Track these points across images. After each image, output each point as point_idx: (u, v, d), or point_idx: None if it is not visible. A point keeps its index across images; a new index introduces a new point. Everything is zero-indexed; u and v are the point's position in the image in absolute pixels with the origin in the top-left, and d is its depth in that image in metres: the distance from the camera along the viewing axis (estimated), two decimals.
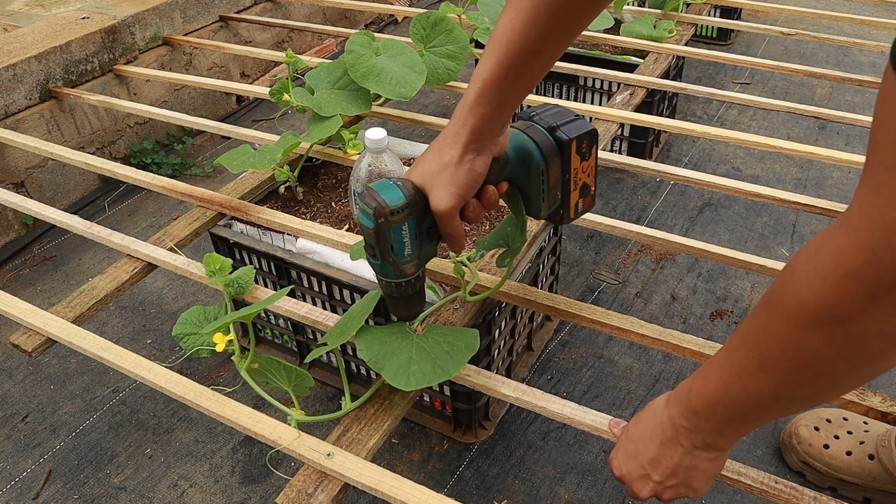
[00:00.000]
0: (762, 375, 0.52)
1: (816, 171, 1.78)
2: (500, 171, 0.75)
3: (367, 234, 0.72)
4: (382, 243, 0.72)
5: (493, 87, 0.66)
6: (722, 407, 0.58)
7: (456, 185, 0.69)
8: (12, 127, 1.56)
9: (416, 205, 0.71)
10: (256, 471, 1.09)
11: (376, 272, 0.76)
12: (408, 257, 0.74)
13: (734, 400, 0.57)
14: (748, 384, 0.54)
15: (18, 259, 1.57)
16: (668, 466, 0.65)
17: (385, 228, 0.71)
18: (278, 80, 1.25)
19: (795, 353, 0.49)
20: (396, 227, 0.71)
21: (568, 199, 0.79)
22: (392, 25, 2.71)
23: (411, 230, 0.72)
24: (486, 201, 0.74)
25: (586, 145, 0.76)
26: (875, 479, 1.00)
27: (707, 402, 0.59)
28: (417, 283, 0.78)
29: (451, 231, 0.73)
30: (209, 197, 1.13)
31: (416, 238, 0.73)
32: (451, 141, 0.70)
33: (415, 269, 0.75)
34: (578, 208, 0.81)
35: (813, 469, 1.04)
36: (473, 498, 1.04)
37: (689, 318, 1.35)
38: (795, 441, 1.06)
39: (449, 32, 1.41)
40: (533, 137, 0.75)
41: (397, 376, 0.73)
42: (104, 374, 1.26)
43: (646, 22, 1.76)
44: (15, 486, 1.09)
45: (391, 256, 0.73)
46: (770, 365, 0.51)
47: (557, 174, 0.76)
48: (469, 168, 0.69)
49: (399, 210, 0.70)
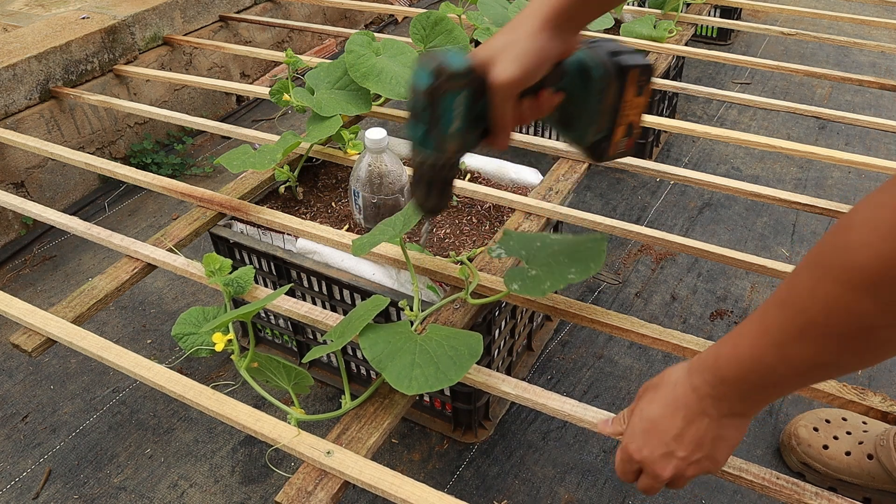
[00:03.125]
0: (804, 342, 0.50)
1: (816, 171, 1.78)
2: (557, 80, 0.71)
3: (419, 96, 0.66)
4: (434, 108, 0.66)
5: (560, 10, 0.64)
6: (754, 374, 0.55)
7: (526, 57, 0.64)
8: (12, 127, 1.56)
9: (476, 79, 0.66)
10: (256, 471, 1.09)
11: (415, 145, 0.71)
12: (454, 133, 0.68)
13: (769, 367, 0.54)
14: (787, 351, 0.52)
15: (18, 259, 1.57)
16: (694, 438, 0.61)
17: (441, 92, 0.65)
18: (278, 80, 1.25)
19: (844, 318, 0.46)
20: (451, 95, 0.66)
21: (613, 132, 0.75)
22: (392, 25, 2.71)
23: (466, 103, 0.67)
24: (540, 104, 0.69)
25: (644, 79, 0.73)
26: (874, 478, 1.00)
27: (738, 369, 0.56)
28: (453, 169, 0.74)
29: (504, 114, 0.67)
30: (209, 197, 1.13)
31: (467, 115, 0.67)
32: (528, 15, 0.65)
33: (457, 150, 0.70)
34: (620, 146, 0.77)
35: (812, 470, 1.04)
36: (473, 498, 1.04)
37: (689, 318, 1.35)
38: (794, 442, 1.06)
39: (449, 32, 1.41)
40: (595, 55, 0.71)
41: (399, 379, 0.73)
42: (104, 374, 1.26)
43: (646, 22, 1.76)
44: (15, 486, 1.09)
45: (438, 127, 0.67)
46: (813, 331, 0.49)
47: (612, 99, 0.72)
48: (543, 45, 0.64)
49: (460, 75, 0.65)
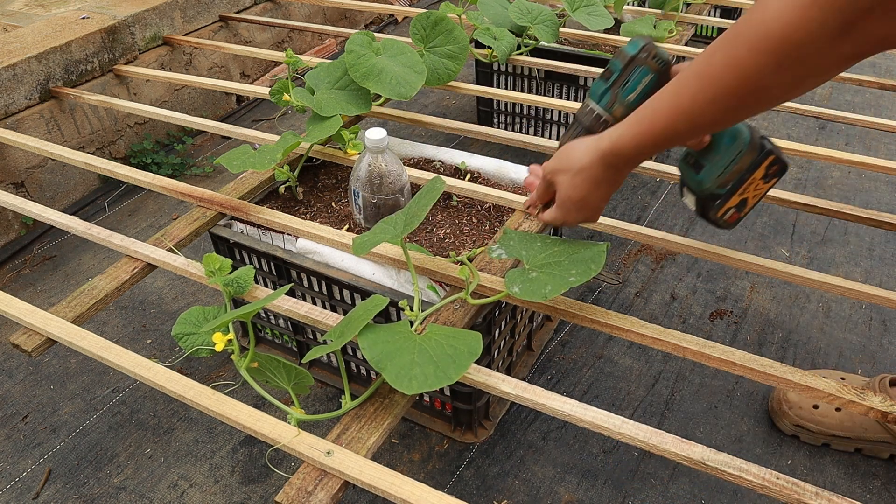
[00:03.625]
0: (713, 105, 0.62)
1: (816, 171, 1.78)
2: None
3: (621, 58, 0.80)
4: (625, 73, 0.80)
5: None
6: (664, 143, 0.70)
7: None
8: (12, 127, 1.56)
9: (666, 75, 0.80)
10: (256, 471, 1.09)
11: (593, 95, 0.84)
12: (627, 102, 0.81)
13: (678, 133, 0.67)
14: (696, 117, 0.64)
15: (18, 259, 1.57)
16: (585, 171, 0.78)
17: (639, 63, 0.79)
18: (278, 80, 1.25)
19: (751, 78, 0.58)
20: (644, 70, 0.80)
21: (730, 197, 0.85)
22: (392, 25, 2.71)
23: (649, 85, 0.80)
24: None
25: (775, 170, 0.83)
26: (867, 430, 1.05)
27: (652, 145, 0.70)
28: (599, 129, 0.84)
29: None
30: (209, 197, 1.13)
31: (643, 96, 0.80)
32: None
33: (620, 115, 0.82)
34: (727, 214, 0.87)
35: (806, 430, 1.08)
36: (473, 498, 1.04)
37: (689, 317, 1.35)
38: (786, 406, 1.10)
39: (449, 32, 1.41)
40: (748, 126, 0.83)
41: (399, 378, 0.73)
42: (104, 374, 1.26)
43: (646, 22, 1.76)
44: (15, 486, 1.09)
45: (619, 88, 0.81)
46: (724, 94, 0.61)
47: (744, 166, 0.82)
48: None
49: (661, 60, 0.79)
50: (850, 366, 1.24)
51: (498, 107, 1.89)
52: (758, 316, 1.34)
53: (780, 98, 0.60)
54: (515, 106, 1.86)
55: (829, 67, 0.56)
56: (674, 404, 1.17)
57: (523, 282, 0.82)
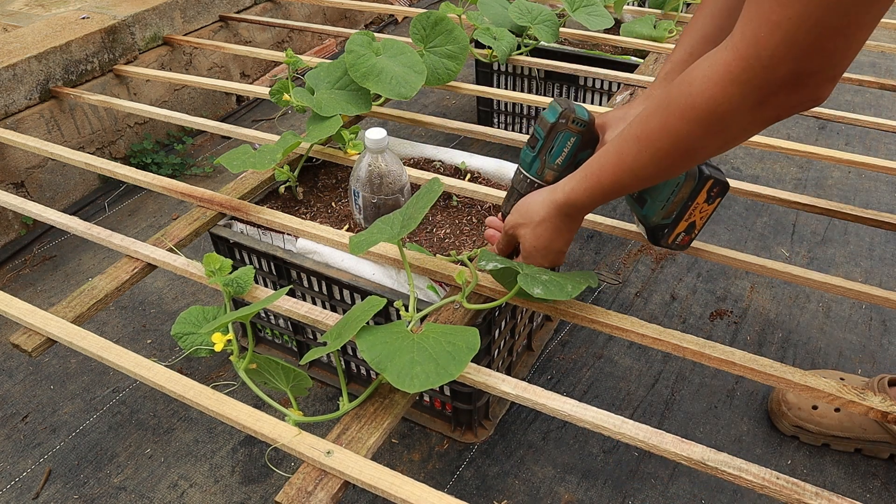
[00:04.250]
0: (652, 163, 0.71)
1: (816, 171, 1.78)
2: None
3: (543, 126, 0.86)
4: (549, 140, 0.85)
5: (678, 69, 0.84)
6: (612, 194, 0.77)
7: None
8: (12, 127, 1.56)
9: (589, 132, 0.86)
10: (256, 471, 1.09)
11: (522, 164, 0.89)
12: (556, 165, 0.87)
13: (623, 186, 0.76)
14: (639, 173, 0.73)
15: (18, 259, 1.57)
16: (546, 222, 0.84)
17: (560, 129, 0.84)
18: (278, 80, 1.25)
19: (683, 142, 0.67)
20: (567, 135, 0.85)
21: (677, 224, 0.89)
22: (392, 25, 2.71)
23: (574, 147, 0.86)
24: None
25: (716, 191, 0.86)
26: (866, 430, 1.06)
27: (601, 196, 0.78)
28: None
29: None
30: (209, 197, 1.13)
31: (571, 157, 0.86)
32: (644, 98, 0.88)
33: (551, 179, 0.88)
34: (677, 239, 0.91)
35: (805, 431, 1.09)
36: (473, 498, 1.04)
37: (689, 317, 1.35)
38: (785, 407, 1.10)
39: (449, 32, 1.41)
40: None
41: (400, 378, 0.73)
42: (104, 374, 1.27)
43: (646, 22, 1.76)
44: (15, 486, 1.09)
45: (546, 155, 0.86)
46: (661, 155, 0.69)
47: (685, 196, 0.86)
48: None
49: (580, 122, 0.84)
50: (850, 366, 1.24)
51: (498, 107, 1.89)
52: (758, 316, 1.34)
53: (712, 155, 0.69)
54: (515, 106, 1.86)
55: (751, 129, 0.63)
56: (674, 404, 1.17)
57: (543, 284, 0.82)
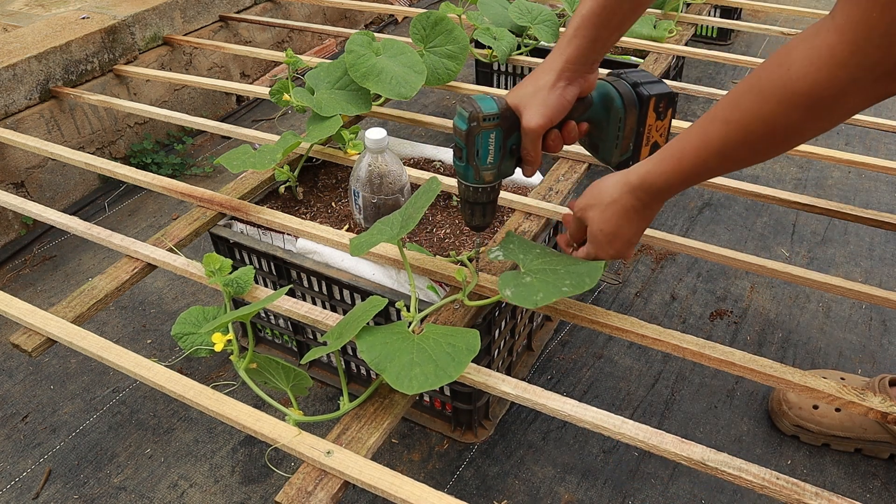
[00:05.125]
0: (744, 147, 0.66)
1: (816, 171, 1.78)
2: (583, 111, 0.84)
3: (459, 135, 0.81)
4: (470, 146, 0.81)
5: (589, 23, 0.78)
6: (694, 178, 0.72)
7: (546, 108, 0.79)
8: (12, 127, 1.56)
9: (506, 119, 0.80)
10: (256, 471, 1.09)
11: (459, 175, 0.85)
12: (489, 165, 0.82)
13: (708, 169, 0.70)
14: (729, 154, 0.67)
15: (18, 259, 1.57)
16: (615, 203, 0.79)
17: (475, 132, 0.80)
18: (278, 80, 1.25)
19: (780, 127, 0.62)
20: (485, 134, 0.80)
21: (639, 152, 0.86)
22: (392, 25, 2.71)
23: (497, 140, 0.81)
24: (567, 135, 0.84)
25: (664, 105, 0.84)
26: (867, 430, 1.06)
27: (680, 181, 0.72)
28: (492, 193, 0.86)
29: (533, 151, 0.82)
30: (209, 197, 1.13)
31: (500, 150, 0.82)
32: (547, 68, 0.80)
33: (492, 178, 0.84)
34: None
35: (806, 430, 1.09)
36: (473, 498, 1.04)
37: (689, 318, 1.35)
38: (786, 407, 1.10)
39: (449, 32, 1.41)
40: (617, 87, 0.84)
41: (400, 379, 0.73)
42: (104, 374, 1.27)
43: (646, 22, 1.76)
44: (15, 486, 1.09)
45: (475, 160, 0.82)
46: (752, 139, 0.64)
47: (633, 125, 0.84)
48: (560, 94, 0.79)
49: (491, 118, 0.79)
50: (850, 366, 1.24)
51: None
52: (758, 316, 1.34)
53: (810, 139, 0.65)
54: None
55: (859, 110, 0.60)
56: (674, 404, 1.17)
57: (516, 286, 0.81)
